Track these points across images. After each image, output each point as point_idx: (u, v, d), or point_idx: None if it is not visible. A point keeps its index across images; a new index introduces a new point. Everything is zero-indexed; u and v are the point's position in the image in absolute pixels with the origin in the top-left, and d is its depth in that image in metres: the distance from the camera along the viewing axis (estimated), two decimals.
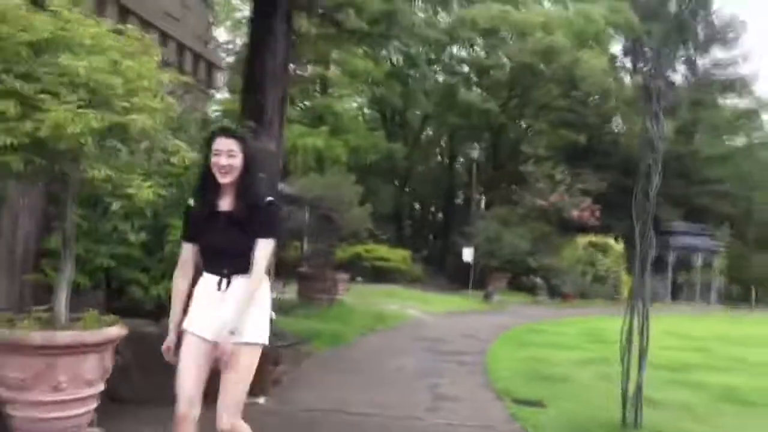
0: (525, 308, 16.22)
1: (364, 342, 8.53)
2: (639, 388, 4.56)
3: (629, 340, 4.63)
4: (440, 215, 38.71)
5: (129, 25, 3.80)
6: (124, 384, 3.89)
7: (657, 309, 7.78)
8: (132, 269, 4.07)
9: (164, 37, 8.14)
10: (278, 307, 4.05)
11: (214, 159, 2.65)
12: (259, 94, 7.63)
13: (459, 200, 34.77)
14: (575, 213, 20.97)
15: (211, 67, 9.59)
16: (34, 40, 3.05)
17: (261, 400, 4.85)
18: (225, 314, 2.58)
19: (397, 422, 4.71)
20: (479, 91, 25.96)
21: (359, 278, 16.43)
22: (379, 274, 19.16)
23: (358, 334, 8.97)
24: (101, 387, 3.44)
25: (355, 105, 24.10)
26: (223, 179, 2.65)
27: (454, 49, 27.18)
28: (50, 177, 3.45)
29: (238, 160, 2.65)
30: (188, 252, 2.75)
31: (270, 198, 2.71)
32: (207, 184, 2.70)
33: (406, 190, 31.31)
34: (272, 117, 7.77)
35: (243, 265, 2.61)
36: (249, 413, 4.66)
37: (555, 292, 19.53)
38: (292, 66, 10.82)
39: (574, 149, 24.80)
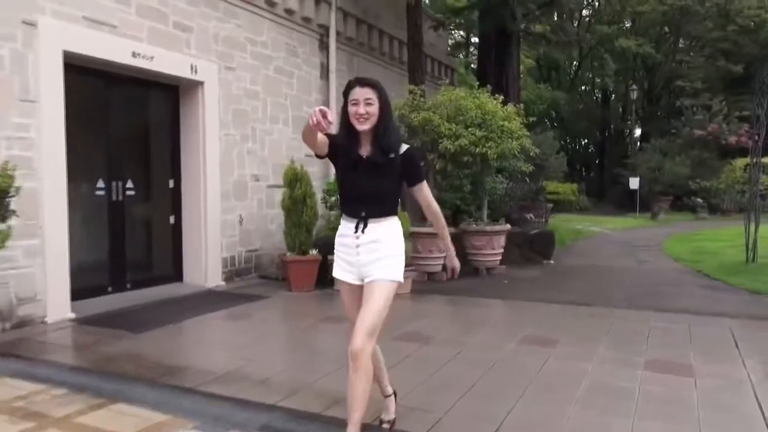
0: (688, 223, 19.76)
1: (578, 244, 13.38)
2: (755, 242, 8.98)
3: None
4: (591, 149, 41.56)
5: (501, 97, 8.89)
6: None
7: None
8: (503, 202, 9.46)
9: (430, 59, 13.50)
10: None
11: (352, 108, 2.73)
12: (506, 96, 12.47)
13: (609, 134, 37.40)
14: (733, 139, 23.35)
15: (453, 71, 14.96)
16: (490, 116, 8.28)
17: (552, 261, 9.99)
18: (361, 259, 2.79)
19: (626, 268, 9.62)
20: (633, 36, 28.48)
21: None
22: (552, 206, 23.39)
23: (570, 241, 13.77)
24: (502, 250, 8.78)
25: None
26: (362, 126, 2.72)
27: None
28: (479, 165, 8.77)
29: (375, 108, 2.72)
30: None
31: (407, 146, 2.82)
32: (347, 132, 2.78)
33: (560, 129, 34.72)
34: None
35: (378, 209, 2.78)
36: (548, 268, 10.28)
37: (715, 210, 22.55)
38: None
39: (732, 79, 26.58)
